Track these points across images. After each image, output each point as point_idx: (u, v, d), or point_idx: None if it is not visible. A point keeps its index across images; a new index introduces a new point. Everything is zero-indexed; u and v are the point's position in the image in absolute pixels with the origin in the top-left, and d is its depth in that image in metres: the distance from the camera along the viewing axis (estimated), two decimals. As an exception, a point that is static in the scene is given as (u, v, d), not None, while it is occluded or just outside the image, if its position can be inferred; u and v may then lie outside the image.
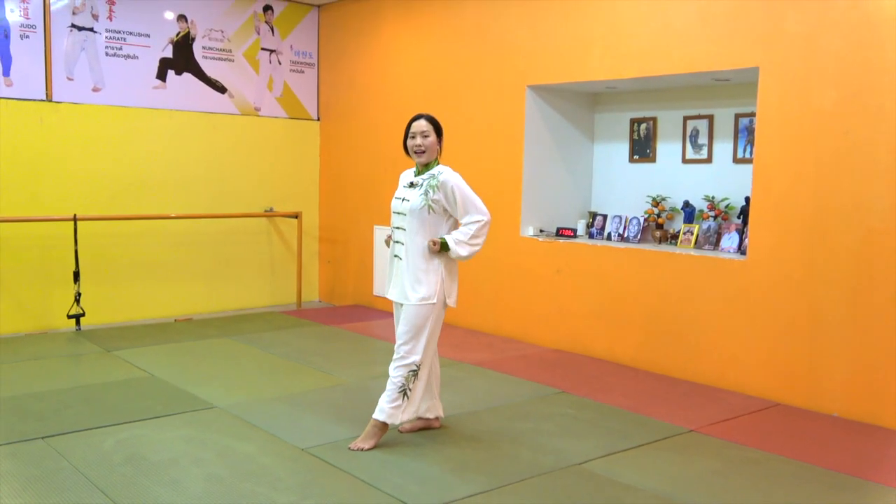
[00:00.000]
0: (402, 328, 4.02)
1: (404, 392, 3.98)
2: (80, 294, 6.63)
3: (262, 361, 5.80)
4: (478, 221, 3.99)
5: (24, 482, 3.52)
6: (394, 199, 4.16)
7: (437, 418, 4.31)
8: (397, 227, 4.11)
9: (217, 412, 4.57)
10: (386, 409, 3.98)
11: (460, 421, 4.48)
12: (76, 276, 6.61)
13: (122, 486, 3.50)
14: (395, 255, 4.11)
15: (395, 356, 4.02)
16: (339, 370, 5.53)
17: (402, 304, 4.04)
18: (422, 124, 4.07)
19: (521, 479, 3.67)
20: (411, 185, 4.10)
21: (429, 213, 4.00)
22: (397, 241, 4.10)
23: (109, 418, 4.40)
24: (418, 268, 3.99)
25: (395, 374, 3.99)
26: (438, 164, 4.12)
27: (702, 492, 3.57)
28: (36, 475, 3.60)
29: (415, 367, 3.97)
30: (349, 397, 4.88)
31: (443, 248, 3.98)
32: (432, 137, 4.05)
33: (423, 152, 4.04)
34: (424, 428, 4.28)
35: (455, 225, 4.09)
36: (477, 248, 4.01)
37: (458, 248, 3.97)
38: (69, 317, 6.63)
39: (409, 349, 3.98)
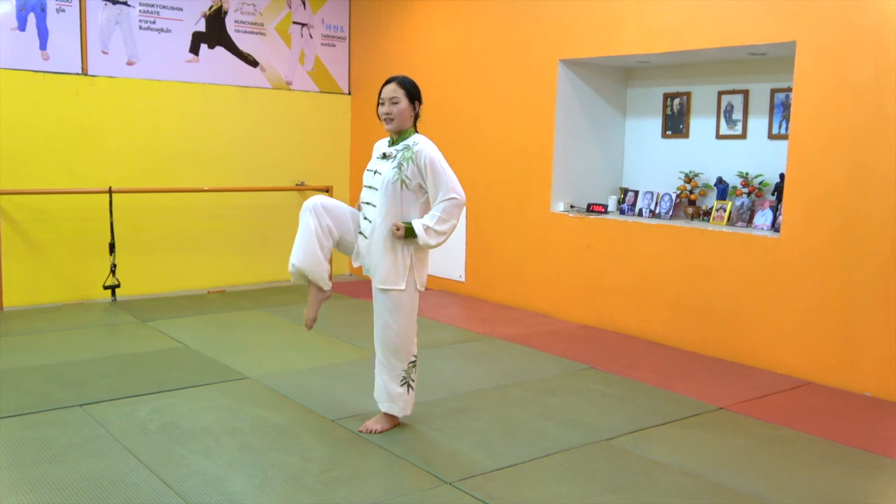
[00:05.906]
0: (379, 319, 3.80)
1: (408, 384, 3.85)
2: (115, 265, 6.74)
3: (293, 333, 5.87)
4: (449, 200, 3.60)
5: (62, 448, 3.61)
6: (365, 172, 3.85)
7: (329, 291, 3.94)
8: (367, 203, 3.78)
9: (249, 383, 4.65)
10: (398, 402, 3.85)
11: (488, 395, 4.50)
12: (112, 247, 6.72)
13: (156, 453, 3.58)
14: (360, 233, 3.81)
15: (388, 351, 3.79)
16: (369, 343, 5.52)
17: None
18: (391, 89, 3.69)
19: (549, 453, 3.69)
20: (384, 156, 3.77)
21: (402, 188, 3.66)
22: (365, 218, 3.79)
23: (144, 387, 4.49)
24: (385, 250, 3.70)
25: (395, 368, 3.81)
26: (415, 132, 3.77)
27: (731, 469, 3.56)
28: (74, 441, 3.69)
29: (413, 359, 3.83)
30: (379, 370, 4.93)
31: (408, 233, 3.63)
32: (403, 104, 3.68)
33: (392, 120, 3.69)
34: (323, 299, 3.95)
35: (427, 205, 3.74)
36: (445, 237, 3.64)
37: (427, 236, 3.61)
38: (105, 287, 6.76)
39: (398, 343, 3.77)
